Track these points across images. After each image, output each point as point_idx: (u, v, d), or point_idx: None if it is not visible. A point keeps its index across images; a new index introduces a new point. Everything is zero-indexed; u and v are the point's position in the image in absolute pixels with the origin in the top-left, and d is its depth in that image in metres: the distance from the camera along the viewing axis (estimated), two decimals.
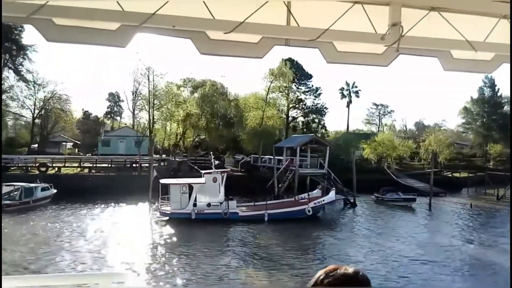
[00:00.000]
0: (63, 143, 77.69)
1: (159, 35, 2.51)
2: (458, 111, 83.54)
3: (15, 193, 32.86)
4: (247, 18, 2.35)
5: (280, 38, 2.64)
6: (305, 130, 66.15)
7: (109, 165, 45.94)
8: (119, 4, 2.28)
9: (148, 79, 53.26)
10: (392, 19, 2.45)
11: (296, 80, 68.95)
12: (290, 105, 67.93)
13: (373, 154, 55.61)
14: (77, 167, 44.58)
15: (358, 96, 73.02)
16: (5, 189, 32.60)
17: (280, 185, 37.31)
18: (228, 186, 31.02)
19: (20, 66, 52.41)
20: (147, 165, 49.10)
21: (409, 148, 57.42)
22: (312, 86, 69.54)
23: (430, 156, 60.83)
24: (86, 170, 44.77)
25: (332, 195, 32.48)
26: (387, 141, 55.14)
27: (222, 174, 31.27)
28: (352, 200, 38.42)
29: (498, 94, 75.97)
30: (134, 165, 46.56)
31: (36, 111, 61.97)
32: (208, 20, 2.40)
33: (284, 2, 2.55)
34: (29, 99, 60.33)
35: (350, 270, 1.42)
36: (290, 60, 68.80)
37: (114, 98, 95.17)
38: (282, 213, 30.73)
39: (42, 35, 2.32)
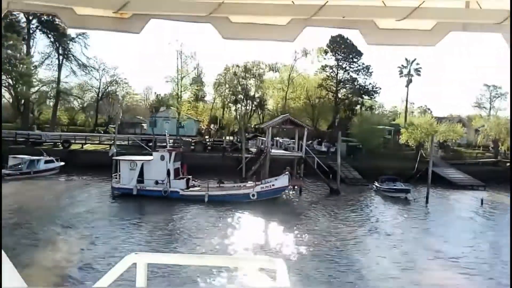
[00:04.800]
0: (139, 123, 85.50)
1: (327, 27, 2.47)
2: None
3: (23, 165, 37.56)
4: (422, 3, 2.17)
5: (457, 23, 2.37)
6: (347, 112, 61.45)
7: (127, 143, 49.21)
8: None
9: (181, 60, 55.30)
10: None
11: (347, 57, 64.43)
12: (339, 86, 63.73)
13: (410, 139, 49.20)
14: (98, 144, 48.76)
15: (419, 75, 64.68)
16: (14, 161, 37.64)
17: (253, 168, 35.61)
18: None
19: (69, 52, 58.82)
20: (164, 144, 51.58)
21: (457, 133, 49.21)
22: (363, 64, 63.84)
23: (491, 144, 51.88)
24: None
25: (284, 180, 29.96)
26: (426, 125, 48.16)
27: (170, 153, 31.19)
28: (335, 188, 34.79)
29: None
30: (149, 143, 49.03)
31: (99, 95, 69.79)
32: (379, 7, 2.27)
33: None
34: (90, 82, 68.16)
35: None
36: (340, 36, 64.51)
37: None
38: (223, 195, 29.65)
39: (219, 32, 2.43)
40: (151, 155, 31.76)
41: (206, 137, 56.69)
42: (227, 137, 58.88)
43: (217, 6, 2.25)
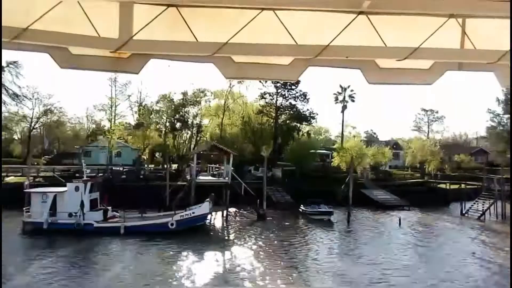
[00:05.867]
0: (79, 153, 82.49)
1: (330, 67, 2.54)
2: None
3: None
4: (421, 44, 2.29)
5: (453, 63, 2.52)
6: (286, 137, 62.47)
7: (53, 175, 47.12)
8: (293, 38, 2.33)
9: (112, 88, 54.48)
10: None
11: (285, 85, 66.07)
12: (278, 112, 64.96)
13: (342, 162, 50.59)
14: (20, 176, 46.33)
15: (353, 101, 67.23)
16: None
17: (178, 196, 35.00)
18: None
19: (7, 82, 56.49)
20: (93, 174, 49.84)
21: (385, 156, 51.26)
22: (300, 91, 65.65)
23: (419, 166, 54.28)
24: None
25: (205, 207, 29.62)
26: (356, 148, 49.83)
27: (86, 183, 30.10)
28: (262, 213, 34.85)
29: None
30: (77, 174, 47.14)
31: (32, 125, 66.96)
32: (380, 48, 2.36)
33: (458, 23, 2.40)
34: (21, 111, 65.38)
35: None
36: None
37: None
38: (139, 225, 28.75)
39: (221, 72, 2.42)
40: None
41: (145, 165, 55.49)
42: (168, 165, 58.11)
43: (221, 46, 2.26)
